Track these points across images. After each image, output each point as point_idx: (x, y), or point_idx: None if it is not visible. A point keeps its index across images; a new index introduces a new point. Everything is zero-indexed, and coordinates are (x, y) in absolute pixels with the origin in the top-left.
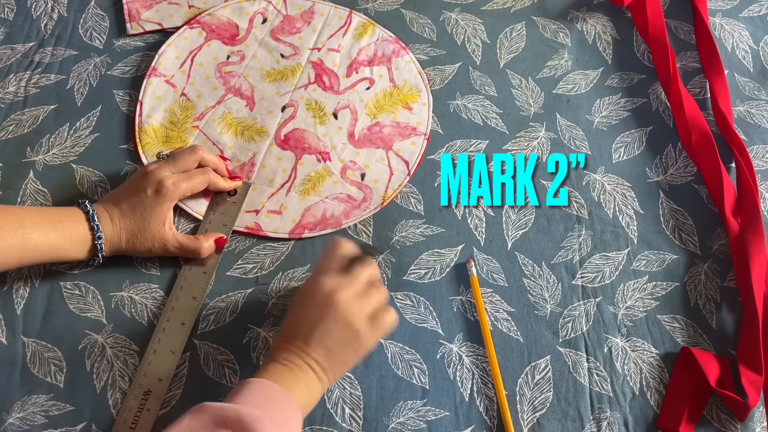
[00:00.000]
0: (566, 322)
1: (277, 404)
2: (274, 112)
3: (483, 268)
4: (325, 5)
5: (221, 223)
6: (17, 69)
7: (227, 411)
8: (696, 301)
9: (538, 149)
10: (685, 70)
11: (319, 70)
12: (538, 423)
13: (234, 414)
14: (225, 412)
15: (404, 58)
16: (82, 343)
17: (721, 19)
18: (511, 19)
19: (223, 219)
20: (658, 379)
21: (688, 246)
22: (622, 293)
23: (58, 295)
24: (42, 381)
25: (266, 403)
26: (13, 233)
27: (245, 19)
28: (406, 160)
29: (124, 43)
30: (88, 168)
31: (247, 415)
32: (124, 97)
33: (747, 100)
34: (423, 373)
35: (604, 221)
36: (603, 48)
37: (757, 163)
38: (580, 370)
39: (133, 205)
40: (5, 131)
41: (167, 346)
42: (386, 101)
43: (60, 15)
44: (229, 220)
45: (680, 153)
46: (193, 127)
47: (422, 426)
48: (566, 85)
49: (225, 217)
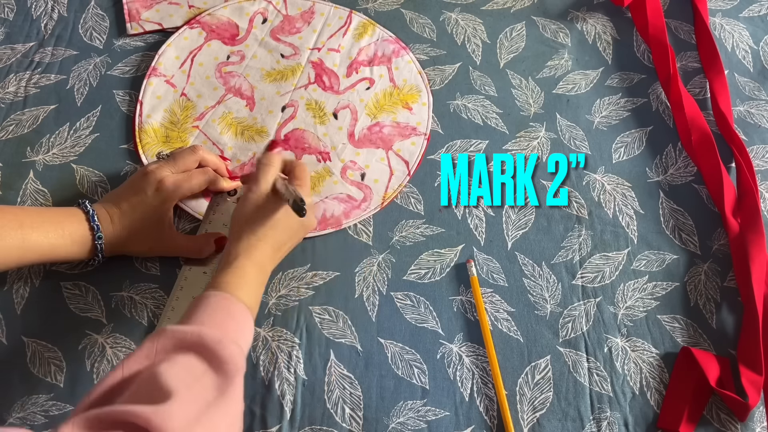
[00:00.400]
0: (566, 322)
1: (235, 318)
2: (274, 112)
3: (483, 268)
4: (325, 5)
5: (221, 222)
6: (17, 69)
7: (188, 334)
8: (696, 301)
9: (538, 149)
10: (685, 70)
11: (319, 70)
12: (538, 423)
13: (195, 337)
14: (185, 335)
15: (404, 58)
16: (82, 343)
17: (721, 19)
18: (511, 19)
19: (223, 219)
20: (658, 379)
21: (688, 246)
22: (622, 293)
23: (58, 295)
24: (42, 381)
25: (224, 319)
26: (13, 233)
27: (245, 19)
28: (406, 160)
29: (124, 43)
30: (88, 168)
31: (209, 336)
32: (124, 97)
33: (747, 100)
34: (423, 373)
35: (604, 221)
36: (603, 48)
37: (757, 163)
38: (580, 370)
39: (134, 205)
40: (5, 131)
41: None
42: (386, 101)
43: (60, 15)
44: (229, 220)
45: (680, 153)
46: (193, 127)
47: (422, 426)
48: (566, 85)
49: (225, 217)
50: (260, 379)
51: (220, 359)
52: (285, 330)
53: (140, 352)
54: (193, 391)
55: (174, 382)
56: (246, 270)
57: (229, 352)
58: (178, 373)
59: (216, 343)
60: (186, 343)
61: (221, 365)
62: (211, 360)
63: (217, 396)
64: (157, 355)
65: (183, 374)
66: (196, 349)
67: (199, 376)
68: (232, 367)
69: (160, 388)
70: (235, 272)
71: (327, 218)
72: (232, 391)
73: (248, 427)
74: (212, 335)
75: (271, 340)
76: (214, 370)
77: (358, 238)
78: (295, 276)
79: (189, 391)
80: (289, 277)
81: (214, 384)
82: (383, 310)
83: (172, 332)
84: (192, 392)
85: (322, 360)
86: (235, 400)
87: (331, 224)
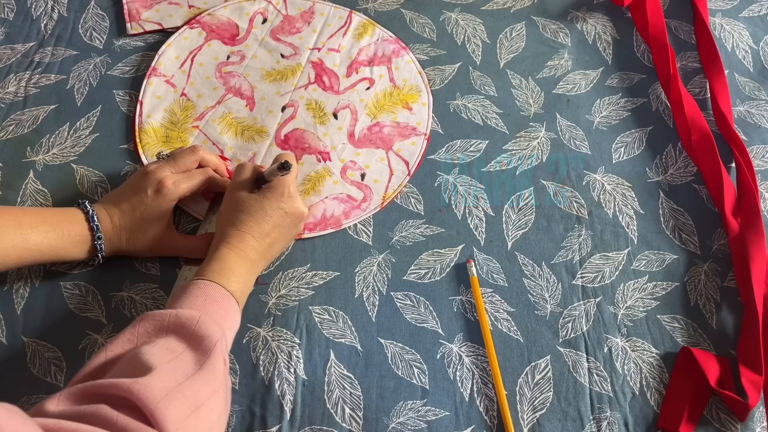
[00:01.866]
0: (566, 322)
1: (216, 302)
2: (274, 112)
3: (483, 268)
4: (325, 5)
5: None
6: (17, 69)
7: (166, 316)
8: (696, 301)
9: (538, 149)
10: (685, 70)
11: (319, 70)
12: (538, 423)
13: (174, 318)
14: (164, 318)
15: (404, 58)
16: (82, 343)
17: (721, 19)
18: (511, 19)
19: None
20: (658, 379)
21: (688, 246)
22: (622, 293)
23: (58, 295)
24: (42, 381)
25: (204, 303)
26: (12, 233)
27: (245, 19)
28: (406, 160)
29: (124, 43)
30: (88, 168)
31: (186, 316)
32: (124, 97)
33: (747, 100)
34: (423, 373)
35: (604, 221)
36: (603, 48)
37: (757, 163)
38: (580, 370)
39: (133, 205)
40: (5, 131)
41: None
42: (386, 101)
43: (60, 15)
44: None
45: (680, 153)
46: (193, 127)
47: (422, 426)
48: (566, 85)
49: None
50: (260, 379)
51: (198, 336)
52: (285, 330)
53: (123, 336)
54: (173, 365)
55: (154, 359)
56: (227, 258)
57: (206, 329)
58: (158, 352)
59: (192, 322)
60: (165, 325)
61: (199, 342)
62: (190, 338)
63: (196, 369)
64: (138, 338)
65: (163, 352)
66: (175, 330)
67: (179, 353)
68: (209, 342)
69: (141, 365)
70: (216, 261)
71: (327, 218)
72: (212, 364)
73: (248, 427)
74: (188, 315)
75: (271, 340)
76: (192, 348)
77: (358, 238)
78: (295, 276)
79: (168, 365)
80: (289, 277)
81: (192, 359)
82: (383, 310)
83: (151, 316)
84: (171, 366)
85: (322, 360)
86: (216, 372)
87: (331, 224)
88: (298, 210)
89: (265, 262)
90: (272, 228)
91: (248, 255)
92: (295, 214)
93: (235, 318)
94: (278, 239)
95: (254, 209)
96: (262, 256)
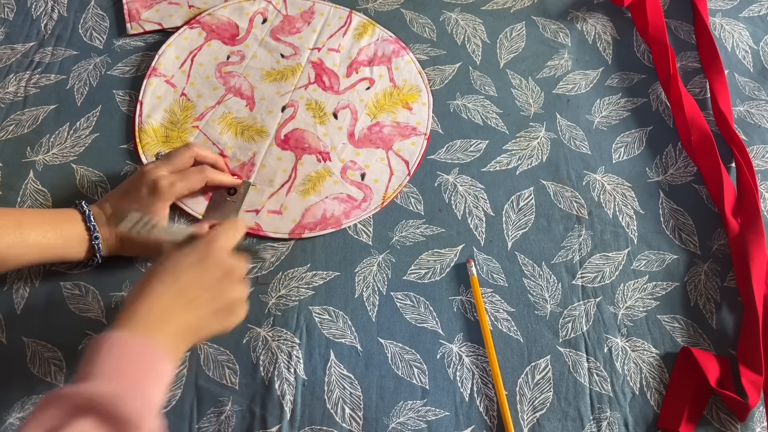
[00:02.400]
0: (566, 322)
1: (133, 360)
2: (274, 112)
3: (483, 268)
4: (325, 5)
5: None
6: (17, 69)
7: (79, 397)
8: (696, 301)
9: (538, 149)
10: (685, 70)
11: (319, 70)
12: (538, 423)
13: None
14: (78, 398)
15: (404, 58)
16: (82, 343)
17: (721, 19)
18: (511, 19)
19: (223, 218)
20: (658, 379)
21: (688, 246)
22: (622, 293)
23: (58, 295)
24: (42, 381)
25: (119, 365)
26: (12, 233)
27: (245, 19)
28: (406, 160)
29: (124, 43)
30: (88, 168)
31: (102, 396)
32: (124, 97)
33: (747, 100)
34: (423, 373)
35: (604, 221)
36: (603, 48)
37: (757, 163)
38: (580, 370)
39: (129, 206)
40: (5, 131)
41: None
42: (386, 101)
43: (60, 15)
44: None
45: (680, 153)
46: (193, 127)
47: (422, 426)
48: (566, 85)
49: (224, 215)
50: (260, 379)
51: (118, 418)
52: (285, 330)
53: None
54: None
55: None
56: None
57: (128, 409)
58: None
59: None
60: (81, 407)
61: (120, 425)
62: (111, 421)
63: None
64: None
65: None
66: (92, 412)
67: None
68: (131, 426)
69: None
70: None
71: (327, 218)
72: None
73: (248, 427)
74: (104, 394)
75: (271, 340)
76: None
77: (358, 238)
78: (295, 276)
79: None
80: (289, 277)
81: None
82: (383, 310)
83: (62, 397)
84: None
85: (322, 360)
86: None
87: (331, 224)
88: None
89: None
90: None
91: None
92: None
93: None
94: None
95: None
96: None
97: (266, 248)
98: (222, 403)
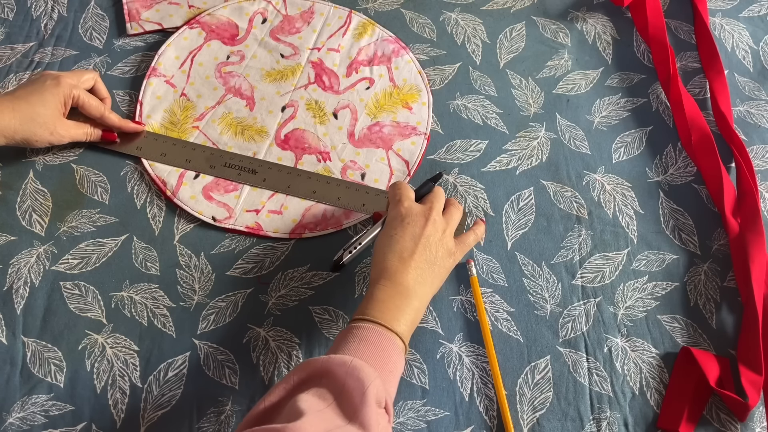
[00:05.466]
0: (566, 322)
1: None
2: (274, 112)
3: (483, 268)
4: (324, 5)
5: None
6: (17, 69)
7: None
8: (696, 301)
9: (538, 149)
10: (685, 70)
11: (319, 70)
12: (538, 423)
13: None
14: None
15: (404, 57)
16: (82, 343)
17: (721, 19)
18: (511, 19)
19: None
20: (658, 379)
21: (688, 246)
22: (622, 293)
23: (58, 295)
24: (42, 381)
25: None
26: None
27: (245, 19)
28: (406, 159)
29: (124, 43)
30: (88, 168)
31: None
32: (124, 97)
33: (747, 100)
34: (423, 373)
35: (604, 221)
36: (603, 48)
37: (757, 163)
38: (580, 370)
39: (30, 92)
40: None
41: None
42: (386, 101)
43: (60, 15)
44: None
45: (680, 153)
46: (193, 128)
47: (422, 426)
48: (566, 85)
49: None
50: (260, 379)
51: (348, 384)
52: (285, 330)
53: (279, 385)
54: (324, 414)
55: (306, 405)
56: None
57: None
58: (311, 399)
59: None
60: (317, 372)
61: (350, 392)
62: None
63: (346, 422)
64: (293, 386)
65: (315, 401)
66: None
67: (329, 403)
68: (358, 392)
69: (294, 411)
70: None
71: (327, 218)
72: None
73: None
74: (339, 361)
75: (271, 340)
76: (343, 397)
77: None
78: (295, 276)
79: (319, 414)
80: (289, 277)
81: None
82: None
83: (305, 364)
84: (322, 414)
85: None
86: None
87: (332, 224)
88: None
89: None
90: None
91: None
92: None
93: (397, 362)
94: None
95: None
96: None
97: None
98: (222, 403)
